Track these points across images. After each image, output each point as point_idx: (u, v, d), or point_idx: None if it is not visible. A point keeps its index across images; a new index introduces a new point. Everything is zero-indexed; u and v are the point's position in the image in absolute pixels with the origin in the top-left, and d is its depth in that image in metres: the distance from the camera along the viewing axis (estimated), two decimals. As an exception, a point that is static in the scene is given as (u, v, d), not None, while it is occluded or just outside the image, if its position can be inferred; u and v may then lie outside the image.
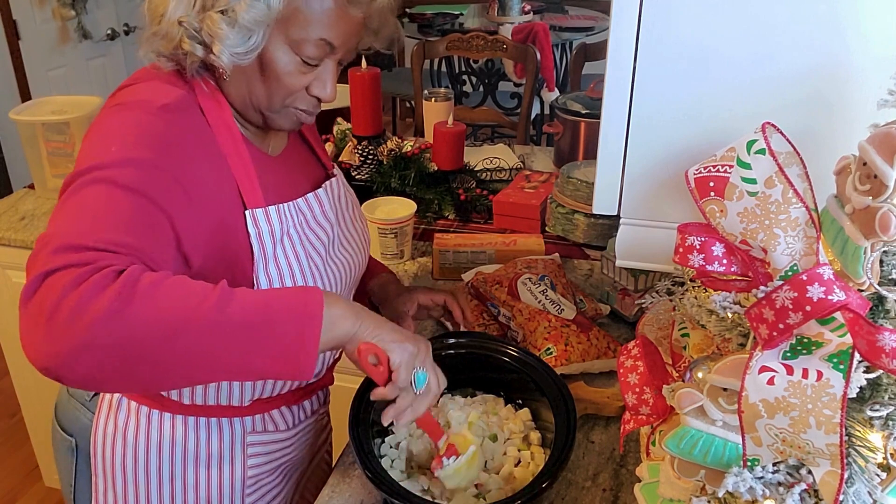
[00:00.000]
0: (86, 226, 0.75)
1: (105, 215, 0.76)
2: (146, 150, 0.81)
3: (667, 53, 0.87)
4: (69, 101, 1.91)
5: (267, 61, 0.88)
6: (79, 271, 0.70)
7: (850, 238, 0.63)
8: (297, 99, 0.93)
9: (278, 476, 1.15)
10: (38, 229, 1.76)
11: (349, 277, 1.08)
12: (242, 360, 0.74)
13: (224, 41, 0.83)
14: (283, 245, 0.95)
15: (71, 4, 3.35)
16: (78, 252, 0.72)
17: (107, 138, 0.82)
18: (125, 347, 0.69)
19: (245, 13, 0.82)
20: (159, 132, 0.83)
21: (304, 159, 1.10)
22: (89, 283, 0.69)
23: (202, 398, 1.01)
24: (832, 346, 0.63)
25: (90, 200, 0.77)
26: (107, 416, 1.05)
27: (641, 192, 0.95)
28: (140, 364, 0.71)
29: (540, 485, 0.89)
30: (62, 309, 0.68)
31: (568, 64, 3.80)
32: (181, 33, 0.85)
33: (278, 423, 1.10)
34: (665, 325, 0.94)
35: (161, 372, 0.72)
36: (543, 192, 1.76)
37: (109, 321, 0.68)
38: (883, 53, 0.81)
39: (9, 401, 2.56)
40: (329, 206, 1.05)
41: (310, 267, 0.98)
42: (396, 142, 1.89)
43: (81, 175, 0.78)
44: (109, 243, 0.73)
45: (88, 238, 0.73)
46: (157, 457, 1.04)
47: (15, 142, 2.59)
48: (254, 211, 0.91)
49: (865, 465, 0.63)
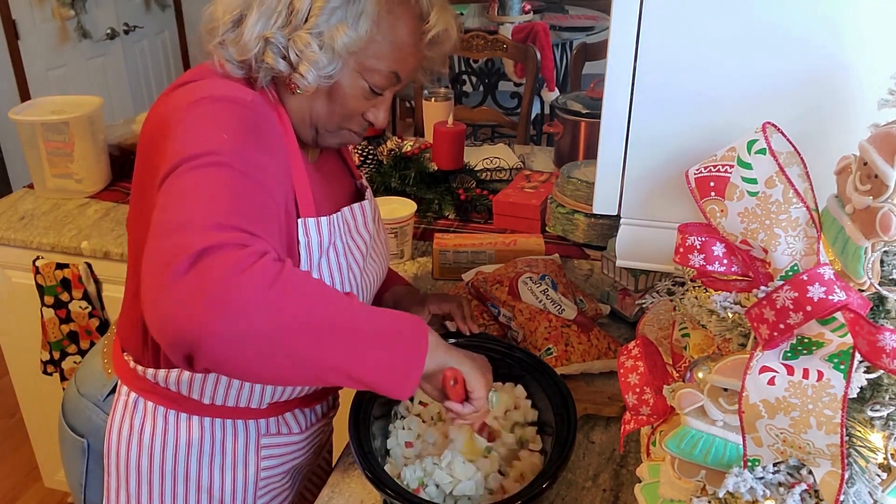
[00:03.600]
0: (228, 206, 0.75)
1: (241, 199, 0.77)
2: (252, 143, 0.82)
3: (667, 53, 0.87)
4: (69, 100, 1.90)
5: (337, 85, 0.91)
6: (239, 254, 0.70)
7: (850, 238, 0.63)
8: (352, 122, 0.97)
9: (287, 478, 1.16)
10: (37, 229, 1.76)
11: (376, 286, 1.10)
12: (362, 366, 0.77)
13: (314, 63, 0.86)
14: (328, 256, 0.96)
15: (70, 4, 3.35)
16: (231, 231, 0.72)
17: (211, 127, 0.82)
18: (273, 337, 0.71)
19: (340, 39, 0.85)
20: (258, 127, 0.85)
21: (338, 169, 1.12)
22: (255, 270, 0.70)
23: (222, 399, 1.02)
24: (833, 346, 0.63)
25: (223, 183, 0.76)
26: (122, 417, 1.05)
27: (642, 192, 0.95)
28: (277, 356, 0.72)
29: (540, 485, 0.89)
30: (229, 291, 0.68)
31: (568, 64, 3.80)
32: (263, 47, 0.86)
33: (291, 425, 1.11)
34: (665, 326, 0.94)
35: (292, 365, 0.74)
36: (543, 192, 1.76)
37: (267, 310, 0.70)
38: (883, 53, 0.80)
39: (8, 401, 2.56)
40: (370, 217, 1.07)
41: (350, 277, 1.00)
42: (396, 142, 1.89)
43: (195, 158, 0.77)
44: (254, 227, 0.74)
45: (234, 219, 0.74)
46: (172, 457, 1.04)
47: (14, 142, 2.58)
48: (306, 220, 0.92)
49: (866, 465, 0.62)
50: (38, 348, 1.85)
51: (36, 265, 1.73)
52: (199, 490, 1.06)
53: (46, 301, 1.76)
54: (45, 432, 2.06)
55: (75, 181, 1.89)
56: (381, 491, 0.89)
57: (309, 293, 0.74)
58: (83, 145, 1.84)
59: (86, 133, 1.83)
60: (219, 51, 0.89)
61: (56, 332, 1.80)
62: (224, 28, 0.88)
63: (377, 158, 1.87)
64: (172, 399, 1.03)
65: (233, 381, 1.00)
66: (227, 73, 0.90)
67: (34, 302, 1.78)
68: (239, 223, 0.73)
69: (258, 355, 0.71)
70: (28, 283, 1.78)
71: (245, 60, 0.88)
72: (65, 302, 1.76)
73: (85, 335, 1.80)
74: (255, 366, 0.72)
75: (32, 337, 1.85)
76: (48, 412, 2.00)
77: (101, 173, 1.92)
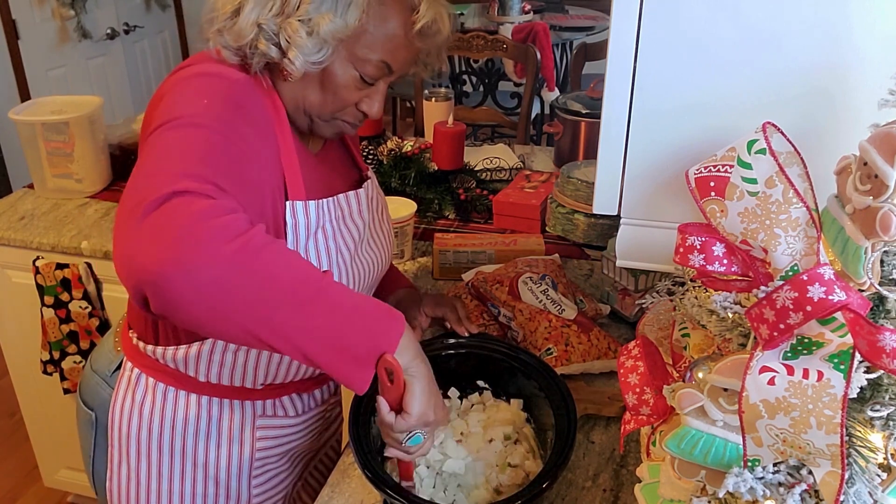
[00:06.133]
0: (201, 162, 0.78)
1: (214, 155, 0.80)
2: (236, 114, 0.86)
3: (667, 53, 0.87)
4: (69, 100, 1.90)
5: (328, 73, 0.93)
6: (205, 202, 0.73)
7: (850, 238, 0.63)
8: (346, 112, 0.99)
9: (285, 461, 1.18)
10: (37, 229, 1.76)
11: (371, 277, 1.10)
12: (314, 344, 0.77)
13: (301, 48, 0.88)
14: (315, 238, 0.98)
15: (70, 4, 3.35)
16: (202, 182, 0.75)
17: (195, 97, 0.86)
18: (225, 292, 0.72)
19: (326, 26, 0.87)
20: (243, 101, 0.88)
21: (341, 159, 1.14)
22: (219, 222, 0.72)
23: (217, 377, 1.05)
24: (833, 346, 0.63)
25: (198, 141, 0.80)
26: (125, 391, 1.09)
27: (642, 191, 0.95)
28: (228, 311, 0.73)
29: (540, 485, 0.89)
30: (198, 231, 0.70)
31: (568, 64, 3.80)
32: (257, 34, 0.89)
33: (287, 409, 1.13)
34: (665, 326, 0.94)
35: (240, 324, 0.74)
36: (543, 192, 1.76)
37: (236, 259, 0.71)
38: (883, 53, 0.80)
39: (8, 400, 2.56)
40: (365, 205, 1.08)
41: (337, 262, 1.01)
42: (396, 142, 1.89)
43: (176, 119, 0.81)
44: (223, 182, 0.77)
45: (207, 171, 0.76)
46: (170, 432, 1.07)
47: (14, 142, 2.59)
48: (294, 203, 0.94)
49: (866, 465, 0.62)
50: (38, 348, 1.85)
51: (36, 265, 1.73)
52: (195, 466, 1.09)
53: (46, 301, 1.76)
54: (45, 432, 2.06)
55: (75, 181, 1.89)
56: (381, 491, 0.89)
57: (275, 260, 0.75)
58: (83, 145, 1.84)
59: (86, 133, 1.83)
60: (216, 38, 0.92)
61: (56, 332, 1.80)
62: (223, 17, 0.91)
63: (377, 158, 1.87)
64: (171, 375, 1.06)
65: (226, 360, 1.03)
66: (222, 59, 0.93)
67: (34, 302, 1.78)
68: (211, 176, 0.76)
69: (209, 306, 0.72)
70: (28, 283, 1.78)
71: (240, 47, 0.91)
72: (65, 302, 1.76)
73: (85, 335, 1.80)
74: (205, 316, 0.73)
75: (32, 337, 1.85)
76: (48, 412, 2.00)
77: (102, 173, 1.92)
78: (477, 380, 1.14)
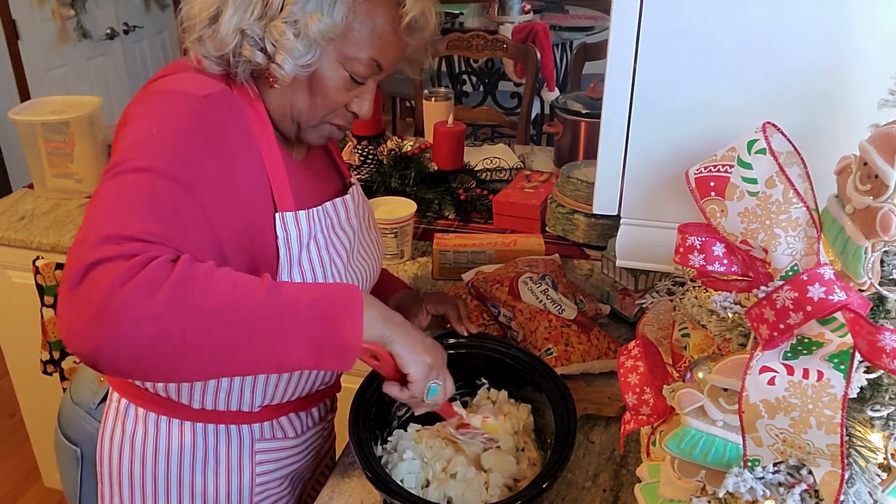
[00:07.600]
0: (129, 216, 0.76)
1: (148, 206, 0.77)
2: (189, 140, 0.82)
3: (667, 53, 0.87)
4: (69, 100, 1.90)
5: (317, 76, 0.91)
6: (127, 264, 0.71)
7: (850, 238, 0.63)
8: (335, 115, 0.96)
9: (286, 484, 1.14)
10: (37, 229, 1.76)
11: (364, 285, 1.09)
12: (290, 350, 0.76)
13: (290, 51, 0.86)
14: (308, 250, 0.96)
15: (70, 4, 3.34)
16: (123, 243, 0.73)
17: (149, 127, 0.83)
18: (176, 339, 0.71)
19: (315, 26, 0.85)
20: (204, 122, 0.85)
21: (325, 166, 1.11)
22: (139, 279, 0.70)
23: (213, 403, 1.01)
24: (833, 346, 0.63)
25: (132, 190, 0.78)
26: (114, 423, 1.04)
27: (642, 191, 0.95)
28: (187, 354, 0.72)
29: (540, 485, 0.89)
30: (113, 303, 0.69)
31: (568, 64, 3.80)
32: (240, 41, 0.86)
33: (287, 430, 1.09)
34: (665, 326, 0.94)
35: (210, 360, 0.74)
36: (543, 192, 1.76)
37: (167, 309, 0.70)
38: (883, 53, 0.80)
39: (8, 400, 2.56)
40: (353, 212, 1.06)
41: (332, 272, 0.99)
42: (396, 141, 1.89)
43: (122, 163, 0.80)
44: (153, 234, 0.75)
45: (133, 228, 0.74)
46: (164, 463, 1.02)
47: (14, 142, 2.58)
48: (284, 214, 0.92)
49: (866, 465, 0.62)
50: (38, 348, 1.85)
51: (36, 265, 1.73)
52: (193, 497, 1.04)
53: (46, 301, 1.76)
54: (45, 432, 2.06)
55: (75, 181, 1.89)
56: (381, 491, 0.89)
57: (210, 287, 0.73)
58: (83, 145, 1.84)
59: (86, 133, 1.83)
60: (196, 47, 0.89)
61: (56, 332, 1.80)
62: (201, 25, 0.88)
63: (377, 158, 1.87)
64: (162, 405, 1.01)
65: (221, 385, 0.99)
66: (203, 69, 0.90)
67: (34, 302, 1.78)
68: (139, 232, 0.74)
69: (163, 363, 0.72)
70: (28, 283, 1.77)
71: (223, 55, 0.88)
72: (65, 302, 1.76)
73: (85, 335, 1.80)
74: (163, 371, 0.73)
75: (32, 337, 1.85)
76: (48, 412, 2.00)
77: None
78: (476, 379, 1.13)
